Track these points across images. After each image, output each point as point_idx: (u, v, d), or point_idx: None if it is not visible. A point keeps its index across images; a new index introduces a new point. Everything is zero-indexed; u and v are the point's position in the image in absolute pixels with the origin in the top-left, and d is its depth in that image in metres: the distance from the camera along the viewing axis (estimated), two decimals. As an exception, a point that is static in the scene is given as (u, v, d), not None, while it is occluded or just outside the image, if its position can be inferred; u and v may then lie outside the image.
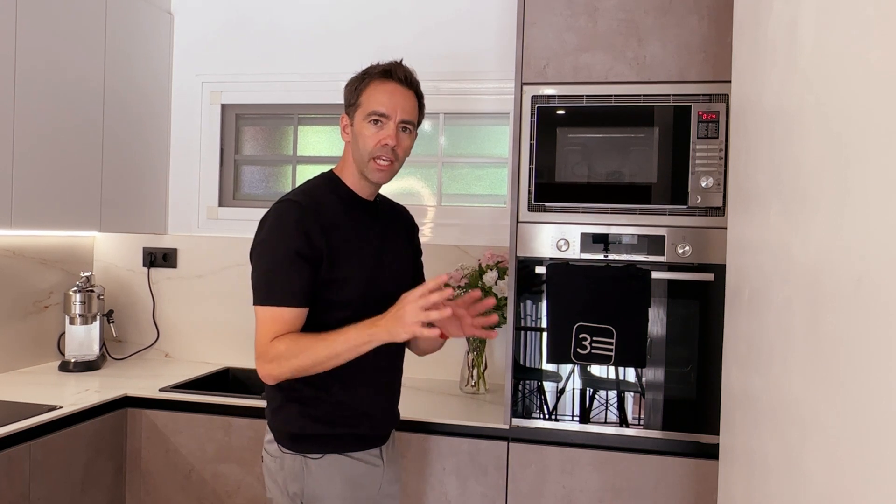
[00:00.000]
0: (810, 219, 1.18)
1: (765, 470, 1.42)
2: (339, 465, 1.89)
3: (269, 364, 1.79)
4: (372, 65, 1.94)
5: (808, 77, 1.22)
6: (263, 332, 1.81)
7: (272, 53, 3.44)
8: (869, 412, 0.92)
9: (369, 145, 1.87)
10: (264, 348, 1.80)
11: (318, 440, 1.89)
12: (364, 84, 1.91)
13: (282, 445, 1.90)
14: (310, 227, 1.82)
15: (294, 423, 1.89)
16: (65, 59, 2.86)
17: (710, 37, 2.32)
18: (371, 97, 1.88)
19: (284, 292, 1.80)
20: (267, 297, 1.81)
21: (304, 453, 1.88)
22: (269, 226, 1.86)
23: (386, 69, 1.91)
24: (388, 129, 1.87)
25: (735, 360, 1.76)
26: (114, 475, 2.71)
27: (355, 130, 1.91)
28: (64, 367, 3.14)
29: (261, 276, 1.84)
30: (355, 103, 1.91)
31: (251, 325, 3.29)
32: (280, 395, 1.91)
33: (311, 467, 1.87)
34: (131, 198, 3.28)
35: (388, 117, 1.87)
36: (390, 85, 1.90)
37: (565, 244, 2.41)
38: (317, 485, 1.87)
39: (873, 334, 0.91)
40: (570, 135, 2.42)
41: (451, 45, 3.24)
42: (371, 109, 1.87)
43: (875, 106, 0.92)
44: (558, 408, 2.45)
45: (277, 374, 1.80)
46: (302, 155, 3.52)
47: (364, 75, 1.93)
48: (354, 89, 1.92)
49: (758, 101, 1.59)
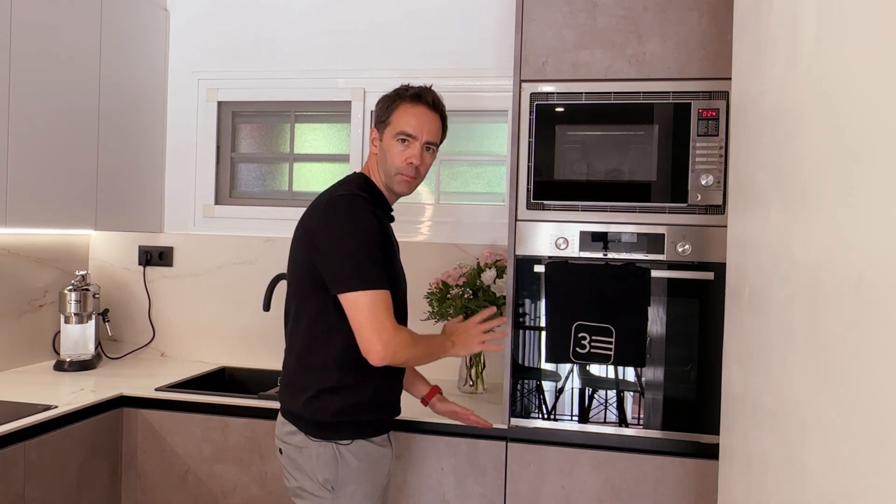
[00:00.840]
0: (811, 217, 1.18)
1: (765, 470, 1.42)
2: (365, 450, 2.01)
3: (396, 345, 1.90)
4: (403, 85, 2.13)
5: (809, 74, 1.22)
6: (373, 314, 1.89)
7: (269, 50, 3.43)
8: (870, 411, 0.92)
9: (396, 162, 2.06)
10: (391, 332, 1.89)
11: (350, 427, 2.00)
12: (395, 105, 2.08)
13: (310, 435, 1.99)
14: (379, 216, 1.99)
15: (327, 412, 1.98)
16: (60, 57, 2.85)
17: (711, 33, 2.32)
18: (401, 118, 2.07)
19: (380, 276, 1.92)
20: (367, 281, 1.90)
21: (335, 440, 1.98)
22: (345, 215, 1.95)
23: (417, 93, 2.09)
24: (413, 148, 2.06)
25: (735, 359, 1.76)
26: (109, 475, 2.71)
27: (384, 146, 2.09)
28: (59, 367, 3.13)
29: (353, 263, 1.91)
30: (386, 121, 2.09)
31: (248, 324, 3.35)
32: (315, 384, 1.99)
33: (342, 454, 1.98)
34: (127, 196, 3.28)
35: (415, 138, 2.06)
36: (419, 108, 2.08)
37: (564, 242, 2.41)
38: (349, 470, 1.98)
39: (874, 333, 0.91)
40: (569, 132, 2.42)
41: (449, 42, 3.24)
42: (400, 129, 2.06)
43: (879, 102, 0.92)
44: (557, 407, 2.45)
45: (402, 358, 1.93)
46: (299, 153, 3.52)
47: (396, 96, 2.10)
48: (386, 108, 2.10)
49: (758, 98, 1.59)
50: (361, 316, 1.89)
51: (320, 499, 1.98)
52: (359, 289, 1.89)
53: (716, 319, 2.26)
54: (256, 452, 2.65)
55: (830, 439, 1.06)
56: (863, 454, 0.94)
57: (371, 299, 1.88)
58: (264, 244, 3.38)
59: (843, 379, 1.02)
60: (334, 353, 1.98)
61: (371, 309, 1.88)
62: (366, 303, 1.88)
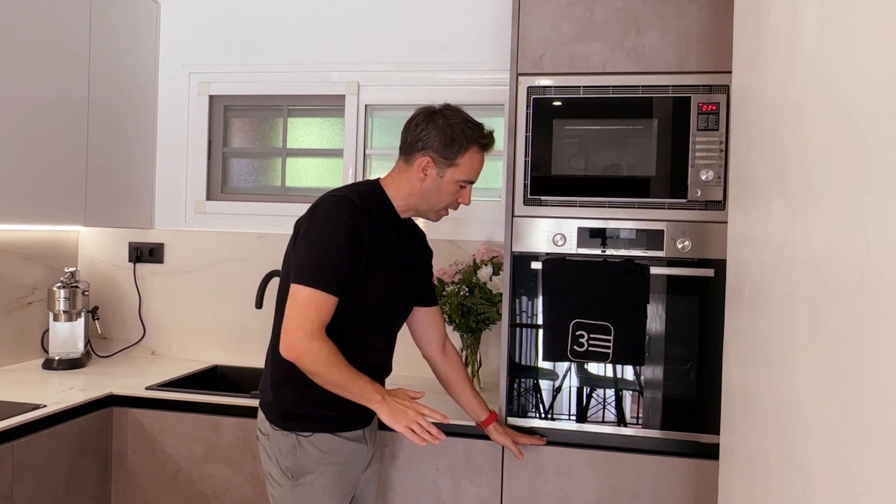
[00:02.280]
0: (813, 212, 1.17)
1: (766, 470, 1.42)
2: (328, 443, 2.07)
3: (305, 349, 1.92)
4: (469, 121, 2.11)
5: (811, 66, 1.22)
6: (305, 311, 1.93)
7: (261, 43, 3.42)
8: (873, 410, 0.91)
9: (448, 200, 2.13)
10: (308, 334, 1.92)
11: (309, 419, 2.06)
12: (467, 147, 2.08)
13: (274, 424, 2.07)
14: (361, 225, 1.99)
15: (286, 402, 2.07)
16: (48, 49, 2.84)
17: (711, 26, 2.31)
18: (471, 165, 2.10)
19: (330, 279, 1.95)
20: (314, 280, 1.94)
21: (295, 431, 2.05)
22: (325, 215, 2.00)
23: (487, 142, 2.13)
24: (468, 191, 2.14)
25: (736, 357, 1.75)
26: (99, 476, 2.70)
27: (441, 183, 2.10)
28: (48, 365, 3.13)
29: (310, 259, 1.97)
30: (452, 160, 2.08)
31: (239, 322, 3.34)
32: (281, 372, 2.05)
33: (302, 444, 2.05)
34: (117, 191, 3.26)
35: (473, 182, 2.13)
36: (484, 155, 2.14)
37: (562, 239, 2.40)
38: (308, 460, 2.05)
39: (877, 331, 0.91)
40: (567, 127, 2.41)
41: (445, 34, 3.23)
42: (467, 178, 2.11)
43: (883, 94, 0.91)
44: (555, 407, 2.44)
45: (307, 364, 1.93)
46: (292, 147, 3.51)
47: (467, 137, 2.08)
48: (456, 146, 2.07)
49: (760, 91, 1.58)
50: (293, 307, 1.94)
51: (281, 486, 2.07)
52: (303, 283, 1.94)
53: (716, 317, 2.26)
54: (248, 452, 2.64)
55: (833, 439, 1.06)
56: (866, 454, 0.94)
57: (308, 296, 1.93)
58: (257, 240, 3.37)
59: (845, 377, 1.01)
60: None
61: (304, 304, 1.93)
62: (302, 297, 1.94)
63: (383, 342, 2.19)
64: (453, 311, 2.82)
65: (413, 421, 1.93)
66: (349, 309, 2.02)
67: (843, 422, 1.02)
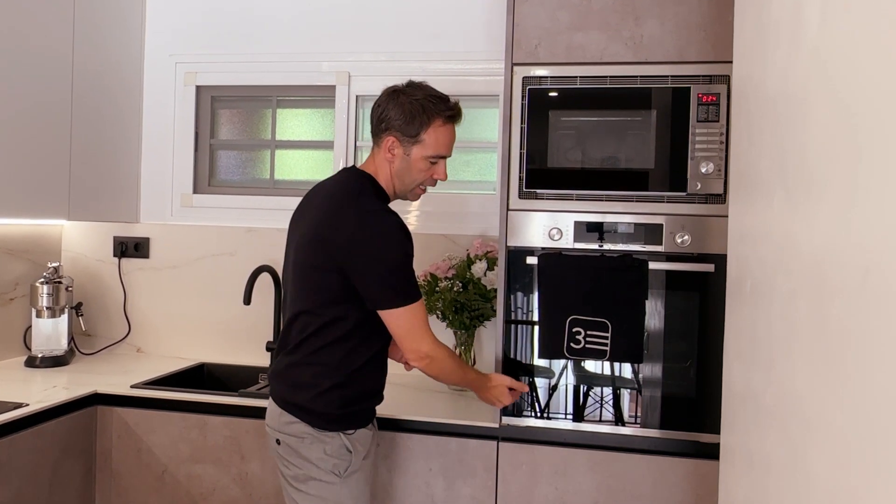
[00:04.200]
0: (816, 206, 1.17)
1: (767, 470, 1.42)
2: (364, 437, 2.18)
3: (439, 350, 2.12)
4: (431, 95, 2.11)
5: (814, 56, 1.21)
6: (418, 324, 2.09)
7: (250, 32, 3.40)
8: (877, 409, 0.91)
9: (420, 178, 2.14)
10: (430, 335, 2.11)
11: (353, 417, 2.15)
12: (429, 121, 2.09)
13: (318, 427, 2.11)
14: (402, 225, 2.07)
15: (332, 406, 2.11)
16: (30, 38, 2.82)
17: (711, 15, 2.31)
18: (437, 140, 2.10)
19: (415, 288, 2.09)
20: (407, 298, 2.05)
21: (342, 431, 2.12)
22: (381, 233, 2.04)
23: (452, 114, 2.11)
24: (441, 166, 2.13)
25: (736, 355, 1.75)
26: (83, 476, 2.69)
27: (410, 161, 2.11)
28: (30, 363, 3.12)
29: (399, 279, 2.06)
30: (415, 137, 2.09)
31: (227, 319, 3.34)
32: (326, 381, 2.10)
33: (353, 444, 2.13)
34: (101, 184, 3.25)
35: (445, 157, 2.13)
36: (452, 127, 2.13)
37: (558, 233, 2.40)
38: (356, 458, 2.14)
39: (881, 328, 0.90)
40: (564, 118, 2.41)
41: (438, 23, 3.22)
42: (436, 153, 2.11)
43: (887, 85, 0.91)
44: (551, 405, 2.44)
45: (439, 365, 2.13)
46: (281, 139, 3.50)
47: (428, 112, 2.09)
48: (416, 122, 2.08)
49: (761, 82, 1.58)
50: (407, 327, 2.07)
51: (329, 484, 2.11)
52: (402, 305, 2.05)
53: (716, 314, 2.26)
54: (237, 452, 2.64)
55: (835, 438, 1.06)
56: (869, 454, 0.93)
57: (413, 312, 2.07)
58: (245, 235, 3.36)
59: (848, 376, 1.01)
60: (346, 353, 2.11)
61: (413, 320, 2.07)
62: (408, 316, 2.06)
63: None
64: (447, 307, 2.82)
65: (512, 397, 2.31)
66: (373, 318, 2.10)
67: (846, 421, 1.02)
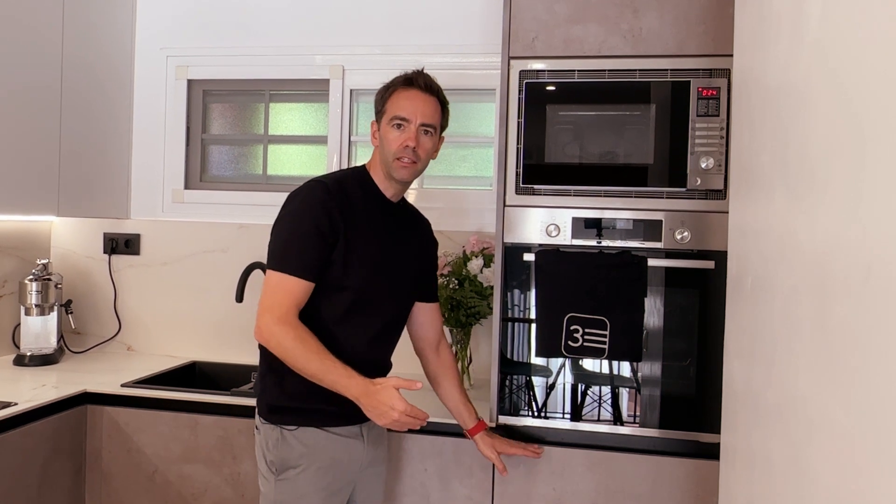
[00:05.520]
0: (818, 202, 1.17)
1: (768, 471, 1.42)
2: (314, 437, 2.09)
3: (276, 330, 1.97)
4: (398, 76, 2.19)
5: (816, 49, 1.21)
6: (274, 295, 2.01)
7: (242, 25, 3.39)
8: (879, 408, 0.91)
9: (393, 147, 2.12)
10: (279, 312, 1.98)
11: (294, 412, 2.10)
12: (389, 93, 2.17)
13: (262, 416, 2.13)
14: (332, 208, 2.05)
15: (271, 394, 2.12)
16: (19, 31, 2.81)
17: (711, 7, 2.30)
18: (394, 104, 2.14)
19: (298, 263, 2.02)
20: (282, 264, 2.03)
21: (280, 424, 2.09)
22: (293, 199, 2.10)
23: (408, 78, 2.17)
24: (408, 131, 2.12)
25: (737, 353, 1.75)
26: (73, 476, 2.69)
27: (382, 134, 2.16)
28: (19, 361, 3.11)
29: (279, 245, 2.06)
30: (381, 110, 2.18)
31: (219, 317, 3.33)
32: (266, 362, 2.12)
33: (285, 437, 2.08)
34: (91, 180, 3.24)
35: (410, 121, 2.12)
36: (412, 91, 2.14)
37: (556, 229, 2.39)
38: (290, 455, 2.08)
39: (885, 325, 0.90)
40: (561, 112, 2.40)
41: (433, 15, 3.21)
42: (394, 114, 2.13)
43: (891, 78, 0.91)
44: (548, 404, 2.44)
45: (273, 343, 1.99)
46: (274, 134, 3.49)
47: (389, 85, 2.18)
48: (381, 98, 2.19)
49: (762, 76, 1.58)
50: (263, 292, 2.03)
51: (266, 480, 2.12)
52: (273, 268, 2.03)
53: (716, 311, 2.26)
54: (229, 452, 2.64)
55: (838, 438, 1.06)
56: (873, 453, 0.93)
57: (277, 280, 2.01)
58: (237, 231, 3.35)
59: (851, 374, 1.01)
60: None
61: (273, 288, 2.01)
62: (271, 282, 2.02)
63: (373, 333, 2.16)
64: (442, 304, 2.82)
65: (395, 421, 1.90)
66: (335, 298, 2.08)
67: (848, 420, 1.02)
